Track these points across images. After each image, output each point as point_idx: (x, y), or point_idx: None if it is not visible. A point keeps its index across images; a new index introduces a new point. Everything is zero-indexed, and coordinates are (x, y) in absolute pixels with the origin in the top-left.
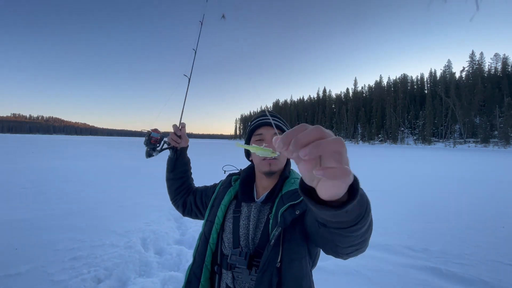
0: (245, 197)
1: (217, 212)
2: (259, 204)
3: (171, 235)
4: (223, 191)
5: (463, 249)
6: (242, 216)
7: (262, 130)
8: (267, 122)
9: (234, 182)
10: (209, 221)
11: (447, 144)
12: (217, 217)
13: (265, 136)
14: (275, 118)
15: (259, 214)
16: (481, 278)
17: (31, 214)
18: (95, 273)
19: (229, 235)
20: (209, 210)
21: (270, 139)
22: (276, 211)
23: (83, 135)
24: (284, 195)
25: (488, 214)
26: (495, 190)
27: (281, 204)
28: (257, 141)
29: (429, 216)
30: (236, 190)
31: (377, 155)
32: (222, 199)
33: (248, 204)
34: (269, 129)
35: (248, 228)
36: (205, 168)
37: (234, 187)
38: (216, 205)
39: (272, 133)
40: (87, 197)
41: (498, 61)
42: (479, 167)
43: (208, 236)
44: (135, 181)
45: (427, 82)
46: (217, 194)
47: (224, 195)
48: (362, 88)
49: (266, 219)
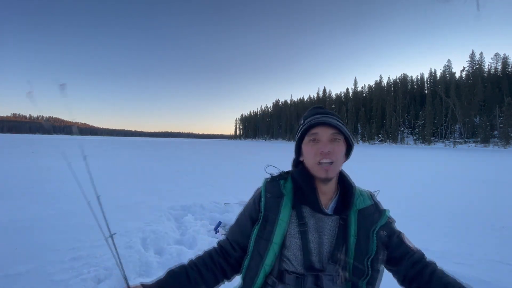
0: (315, 208)
1: (274, 229)
2: (330, 216)
3: (171, 235)
4: (274, 203)
5: (463, 249)
6: (310, 230)
7: (317, 129)
8: (324, 121)
9: (285, 188)
10: (264, 240)
11: (447, 144)
12: (275, 235)
13: (321, 136)
14: (333, 116)
15: (332, 228)
16: (481, 278)
17: (31, 214)
18: (95, 273)
19: (297, 252)
20: (260, 227)
21: (327, 141)
22: (359, 229)
23: (83, 135)
24: (361, 211)
25: (488, 214)
26: (495, 190)
27: (363, 221)
28: (311, 141)
29: (429, 216)
30: (292, 199)
31: (377, 155)
32: (278, 213)
33: (314, 215)
34: (326, 129)
35: (320, 244)
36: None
37: (287, 195)
38: (271, 221)
39: (329, 134)
40: (87, 197)
41: (498, 61)
42: (479, 167)
43: (264, 256)
44: (135, 180)
45: (427, 82)
46: (266, 206)
47: (279, 208)
48: (362, 88)
49: (342, 235)
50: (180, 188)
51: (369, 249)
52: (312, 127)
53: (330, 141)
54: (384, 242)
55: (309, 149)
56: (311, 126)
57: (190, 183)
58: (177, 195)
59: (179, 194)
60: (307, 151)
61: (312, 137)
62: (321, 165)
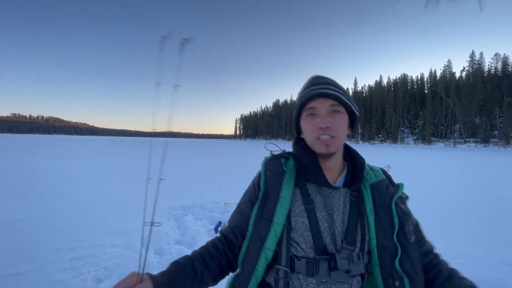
0: (320, 181)
1: (276, 208)
2: (340, 190)
3: (171, 235)
4: (275, 180)
5: (463, 249)
6: (318, 207)
7: (314, 103)
8: (320, 93)
9: (286, 166)
10: (265, 220)
11: (447, 144)
12: (276, 214)
13: (319, 110)
14: (331, 87)
15: (343, 204)
16: (481, 278)
17: (31, 214)
18: (95, 273)
19: (305, 232)
20: (259, 205)
21: (326, 113)
22: (376, 204)
23: (83, 135)
24: (374, 186)
25: (488, 214)
26: (495, 190)
27: (378, 195)
28: (308, 116)
29: (429, 215)
30: (295, 177)
31: (377, 155)
32: (280, 190)
33: (320, 191)
34: (324, 101)
35: (331, 222)
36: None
37: (289, 172)
38: (272, 199)
39: (327, 106)
40: (87, 197)
41: (498, 61)
42: (479, 167)
43: (264, 238)
44: (135, 180)
45: (427, 82)
46: (267, 184)
47: (281, 185)
48: (362, 88)
49: (356, 212)
50: (180, 188)
51: (392, 224)
52: (308, 100)
53: (329, 114)
54: (404, 213)
55: (307, 125)
56: (308, 99)
57: (190, 183)
58: (177, 195)
59: (179, 194)
60: (306, 127)
61: (309, 112)
62: (320, 140)
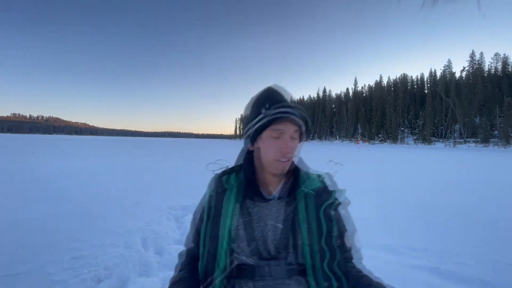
0: (256, 197)
1: (219, 224)
2: (275, 202)
3: (171, 235)
4: (218, 198)
5: (463, 249)
6: (254, 219)
7: (283, 126)
8: (292, 119)
9: (228, 183)
10: (213, 237)
11: (447, 144)
12: (221, 230)
13: (285, 134)
14: (298, 111)
15: (277, 213)
16: (481, 278)
17: (31, 214)
18: (95, 273)
19: (242, 243)
20: (206, 225)
21: (289, 138)
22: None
23: (83, 135)
24: (309, 194)
25: (488, 214)
26: (495, 190)
27: (310, 203)
28: (273, 137)
29: (429, 215)
30: (236, 193)
31: (377, 155)
32: (221, 208)
33: (257, 204)
34: (291, 126)
35: (265, 231)
36: None
37: (230, 189)
38: (215, 216)
39: (292, 131)
40: (87, 196)
41: (498, 61)
42: (479, 167)
43: (214, 253)
44: (135, 180)
45: (427, 82)
46: (210, 203)
47: (222, 203)
48: (362, 88)
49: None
50: (180, 188)
51: (321, 230)
52: (276, 121)
53: (292, 138)
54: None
55: (270, 145)
56: (277, 120)
57: (190, 183)
58: (177, 195)
59: (179, 194)
60: (267, 146)
61: (275, 134)
62: (279, 162)
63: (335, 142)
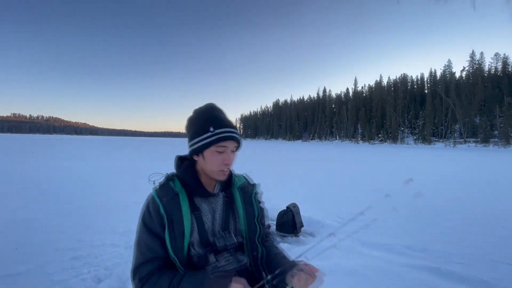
0: (204, 195)
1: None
2: (217, 197)
3: None
4: (173, 203)
5: (463, 249)
6: (204, 213)
7: (227, 143)
8: (234, 137)
9: (176, 187)
10: (179, 239)
11: (447, 144)
12: (186, 228)
13: (227, 149)
14: (236, 130)
15: (223, 206)
16: (481, 278)
17: (31, 214)
18: (95, 273)
19: (196, 235)
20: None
21: (230, 152)
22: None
23: (83, 135)
24: (240, 187)
25: (488, 214)
26: (495, 190)
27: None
28: (217, 152)
29: (429, 215)
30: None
31: (377, 155)
32: (181, 210)
33: (205, 200)
34: (232, 143)
35: (213, 222)
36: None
37: (180, 192)
38: (178, 218)
39: (233, 147)
40: (87, 197)
41: (498, 61)
42: (479, 167)
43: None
44: (135, 180)
45: (427, 82)
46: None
47: (179, 206)
48: (362, 88)
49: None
50: None
51: (255, 211)
52: (224, 139)
53: (232, 153)
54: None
55: (214, 158)
56: (223, 139)
57: None
58: None
59: None
60: (212, 160)
61: (221, 150)
62: (222, 171)
63: (335, 142)
